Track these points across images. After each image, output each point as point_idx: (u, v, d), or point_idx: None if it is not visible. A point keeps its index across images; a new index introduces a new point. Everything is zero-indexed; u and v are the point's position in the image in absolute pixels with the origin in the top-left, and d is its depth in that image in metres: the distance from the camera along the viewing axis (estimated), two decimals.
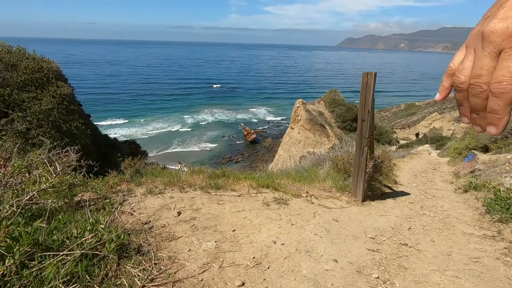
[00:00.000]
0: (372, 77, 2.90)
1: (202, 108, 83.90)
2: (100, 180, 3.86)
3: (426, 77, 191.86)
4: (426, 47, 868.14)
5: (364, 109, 3.08)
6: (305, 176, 4.32)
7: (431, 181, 4.94)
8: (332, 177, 4.32)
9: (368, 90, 2.98)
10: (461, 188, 4.72)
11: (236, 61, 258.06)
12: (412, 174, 5.39)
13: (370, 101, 3.00)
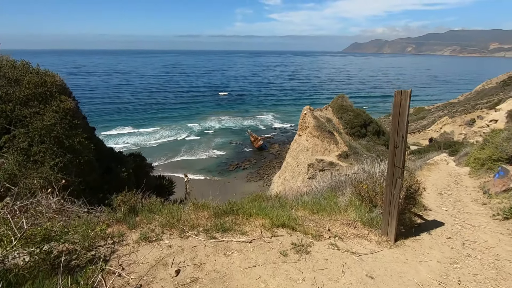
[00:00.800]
0: (406, 96, 2.55)
1: (209, 115, 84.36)
2: (84, 227, 3.05)
3: (435, 81, 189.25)
4: (433, 50, 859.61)
5: (397, 134, 2.66)
6: (324, 205, 3.74)
7: (460, 202, 4.44)
8: (355, 206, 3.77)
9: (402, 111, 2.61)
10: (499, 214, 4.15)
11: (243, 68, 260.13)
12: (437, 191, 4.86)
13: (404, 125, 2.62)
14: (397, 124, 2.71)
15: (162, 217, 3.63)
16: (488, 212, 4.44)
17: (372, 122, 28.00)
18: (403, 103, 2.60)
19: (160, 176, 7.34)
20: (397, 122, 2.70)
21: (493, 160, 5.35)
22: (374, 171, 3.63)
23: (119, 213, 3.60)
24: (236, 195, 33.55)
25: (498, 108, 46.39)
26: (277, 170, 51.10)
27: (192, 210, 3.94)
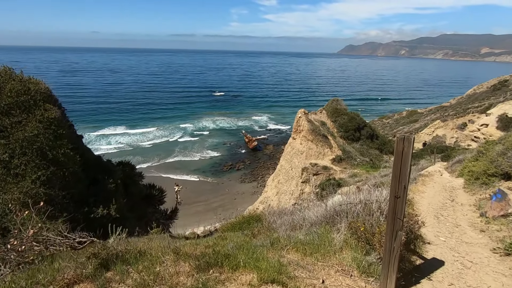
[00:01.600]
0: (409, 143, 2.40)
1: (204, 115, 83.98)
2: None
3: (428, 84, 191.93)
4: (426, 53, 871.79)
5: (398, 183, 2.45)
6: (317, 245, 3.44)
7: (458, 227, 4.25)
8: (351, 247, 3.42)
9: (405, 160, 2.43)
10: (499, 248, 3.88)
11: (238, 68, 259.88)
12: (433, 213, 4.69)
13: (406, 174, 2.44)
14: (398, 173, 2.49)
15: (137, 272, 3.01)
16: (488, 243, 4.23)
17: (366, 125, 28.12)
18: (406, 150, 2.41)
19: (150, 185, 7.12)
20: (399, 170, 2.48)
21: (488, 175, 5.31)
22: (371, 198, 3.46)
23: (88, 267, 2.86)
24: (230, 196, 33.36)
25: (489, 112, 47.13)
26: (271, 171, 51.12)
27: (172, 261, 3.26)
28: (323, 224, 3.42)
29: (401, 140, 2.44)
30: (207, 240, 3.89)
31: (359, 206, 3.21)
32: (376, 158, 22.86)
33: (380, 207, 3.23)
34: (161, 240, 3.73)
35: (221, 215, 38.86)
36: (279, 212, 5.41)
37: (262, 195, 28.39)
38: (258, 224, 4.10)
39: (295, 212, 4.91)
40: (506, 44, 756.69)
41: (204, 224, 37.33)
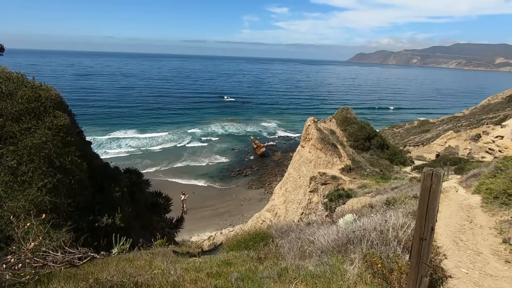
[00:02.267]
0: (438, 180, 2.15)
1: (213, 121, 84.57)
2: None
3: (440, 94, 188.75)
4: (439, 63, 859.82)
5: (425, 223, 2.21)
6: (328, 278, 3.07)
7: (479, 255, 3.84)
8: (365, 282, 3.01)
9: (433, 197, 2.12)
10: None
11: (248, 74, 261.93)
12: (452, 237, 4.35)
13: (434, 213, 2.13)
14: (425, 212, 2.21)
15: None
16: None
17: (376, 135, 27.64)
18: (434, 188, 2.14)
19: (156, 193, 7.05)
20: (425, 209, 2.20)
21: (508, 194, 5.02)
22: (387, 225, 3.16)
23: None
24: (236, 202, 33.12)
25: (504, 124, 45.82)
26: (278, 178, 50.78)
27: None
28: (335, 252, 3.17)
29: (429, 176, 2.17)
30: (211, 265, 3.65)
31: (374, 234, 2.98)
32: (387, 169, 22.35)
33: (398, 236, 2.97)
34: (163, 258, 3.56)
35: (227, 221, 38.80)
36: (287, 228, 5.21)
37: (269, 203, 28.10)
38: (265, 247, 3.88)
39: (304, 230, 4.70)
40: None
41: (210, 229, 37.31)
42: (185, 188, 44.43)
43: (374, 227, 2.95)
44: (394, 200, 5.48)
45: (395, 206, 4.91)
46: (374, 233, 2.87)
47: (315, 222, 6.32)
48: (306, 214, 19.68)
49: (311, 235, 3.74)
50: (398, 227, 2.98)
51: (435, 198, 2.11)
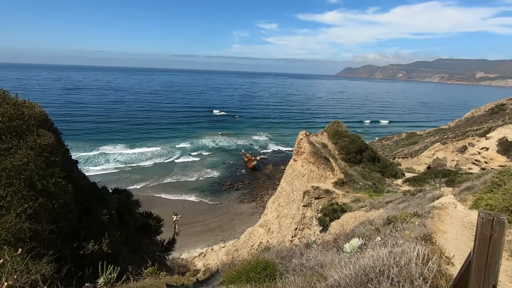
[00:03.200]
0: (501, 228, 1.63)
1: (204, 135, 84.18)
2: None
3: (426, 107, 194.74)
4: (423, 77, 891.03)
5: (484, 281, 1.78)
6: None
7: (499, 285, 3.77)
8: None
9: (494, 250, 1.71)
10: None
11: (239, 88, 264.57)
12: None
13: (496, 269, 1.76)
14: (483, 266, 1.77)
15: None
16: None
17: (367, 148, 27.89)
18: (496, 237, 1.70)
19: (147, 214, 6.67)
20: (485, 264, 1.76)
21: (510, 211, 4.96)
22: (407, 258, 2.75)
23: None
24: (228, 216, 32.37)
25: (488, 136, 47.18)
26: (270, 191, 50.38)
27: None
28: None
29: (488, 222, 1.72)
30: None
31: (395, 269, 2.70)
32: (379, 182, 22.40)
33: (423, 273, 2.64)
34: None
35: (218, 236, 37.91)
36: (287, 253, 4.92)
37: (262, 218, 27.61)
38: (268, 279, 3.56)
39: (307, 254, 4.42)
40: (500, 69, 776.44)
41: (201, 245, 36.29)
42: (175, 203, 43.46)
43: (394, 260, 2.68)
44: (395, 219, 5.32)
45: (397, 226, 4.73)
46: (395, 268, 2.60)
47: (314, 243, 6.06)
48: (300, 229, 19.34)
49: (318, 265, 3.48)
50: (420, 260, 2.72)
51: (497, 250, 1.73)
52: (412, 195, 11.46)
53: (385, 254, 2.78)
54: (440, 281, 2.51)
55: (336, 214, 15.35)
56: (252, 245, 24.70)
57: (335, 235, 5.97)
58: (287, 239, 19.98)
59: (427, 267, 2.53)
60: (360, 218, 11.69)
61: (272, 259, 4.22)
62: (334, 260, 3.47)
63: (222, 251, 30.25)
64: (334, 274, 2.75)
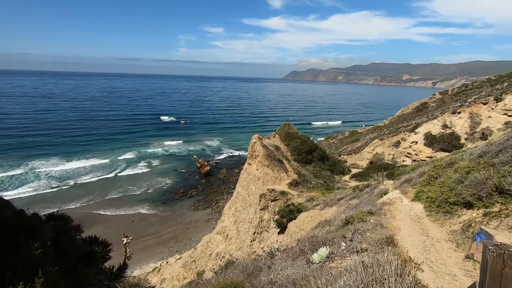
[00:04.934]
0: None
1: (152, 142, 79.76)
2: None
3: (365, 107, 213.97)
4: (360, 79, 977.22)
5: None
6: None
7: (456, 279, 3.78)
8: None
9: (506, 286, 1.52)
10: None
11: (188, 93, 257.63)
12: (425, 262, 4.22)
13: None
14: None
15: None
16: None
17: (317, 148, 29.29)
18: (507, 272, 1.50)
19: (91, 239, 5.73)
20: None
21: (450, 203, 5.50)
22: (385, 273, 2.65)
23: None
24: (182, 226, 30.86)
25: (416, 131, 53.47)
26: (225, 196, 49.80)
27: None
28: None
29: (499, 257, 1.54)
30: None
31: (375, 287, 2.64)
32: (329, 179, 23.64)
33: None
34: None
35: (173, 247, 36.09)
36: (254, 268, 4.67)
37: (219, 225, 26.97)
38: None
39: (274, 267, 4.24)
40: (422, 72, 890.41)
41: (154, 259, 34.08)
42: (124, 218, 40.25)
43: (373, 276, 2.63)
44: (353, 219, 5.53)
45: (356, 227, 4.89)
46: (377, 286, 2.53)
47: (278, 251, 5.95)
48: (258, 233, 19.30)
49: (290, 283, 3.29)
50: (395, 272, 2.70)
51: (509, 286, 1.53)
52: (361, 190, 12.24)
53: (360, 268, 2.72)
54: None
55: (293, 215, 15.66)
56: (210, 254, 23.93)
57: (298, 241, 5.95)
58: (246, 244, 19.78)
59: (405, 282, 2.53)
60: (315, 217, 12.09)
61: (239, 279, 3.94)
62: (307, 275, 3.35)
63: (178, 263, 28.75)
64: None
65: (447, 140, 44.32)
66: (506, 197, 4.99)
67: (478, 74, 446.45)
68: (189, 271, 23.75)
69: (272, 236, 17.21)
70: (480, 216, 4.77)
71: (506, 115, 46.86)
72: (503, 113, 47.96)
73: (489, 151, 6.50)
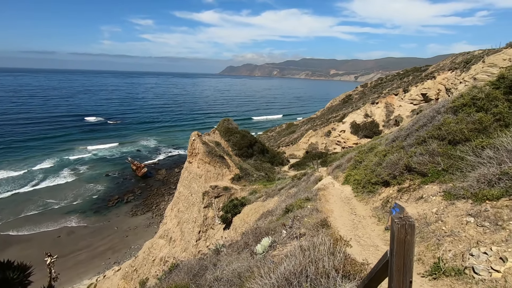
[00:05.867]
0: (412, 230, 1.95)
1: (77, 147, 70.97)
2: None
3: (299, 99, 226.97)
4: (293, 74, 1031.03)
5: (403, 278, 2.06)
6: None
7: (378, 249, 4.31)
8: None
9: (408, 250, 2.00)
10: (426, 271, 3.89)
11: (117, 90, 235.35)
12: (354, 238, 4.71)
13: (411, 267, 2.03)
14: (402, 266, 2.06)
15: None
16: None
17: (256, 141, 30.00)
18: (409, 239, 2.00)
19: (5, 265, 4.75)
20: (402, 263, 2.05)
21: (372, 183, 6.25)
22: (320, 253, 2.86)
23: None
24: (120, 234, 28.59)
25: (344, 121, 59.13)
26: (166, 197, 47.54)
27: None
28: None
29: (403, 227, 2.01)
30: None
31: (312, 268, 2.77)
32: (270, 171, 24.50)
33: (335, 265, 2.84)
34: None
35: (110, 259, 33.08)
36: (199, 268, 4.49)
37: (161, 228, 25.65)
38: None
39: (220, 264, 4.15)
40: (346, 67, 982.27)
41: (89, 275, 30.69)
42: (47, 235, 35.23)
43: (310, 258, 2.77)
44: (292, 207, 5.83)
45: (295, 214, 5.18)
46: (312, 266, 2.68)
47: (223, 247, 5.89)
48: (203, 231, 18.96)
49: (236, 277, 3.26)
50: (329, 252, 2.92)
51: (410, 250, 2.00)
52: (299, 179, 13.00)
53: (299, 252, 2.87)
54: (348, 267, 2.82)
55: (237, 209, 15.80)
56: (154, 259, 22.64)
57: (243, 234, 6.00)
58: (192, 244, 19.27)
59: (336, 259, 2.76)
60: (259, 208, 12.43)
61: (184, 281, 3.77)
62: (251, 267, 3.38)
63: (117, 275, 26.51)
64: (256, 287, 2.66)
65: (369, 128, 50.03)
66: (414, 174, 5.89)
67: (391, 69, 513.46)
68: (131, 282, 22.12)
69: (218, 233, 17.11)
70: (395, 192, 5.55)
71: (412, 104, 54.99)
72: (410, 102, 56.13)
73: (400, 136, 7.59)
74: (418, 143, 6.64)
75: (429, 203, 5.07)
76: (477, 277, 3.20)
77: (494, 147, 5.19)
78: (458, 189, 4.87)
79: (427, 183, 5.65)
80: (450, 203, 4.72)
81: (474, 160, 5.29)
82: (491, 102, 6.41)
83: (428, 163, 5.94)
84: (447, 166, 5.69)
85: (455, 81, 49.56)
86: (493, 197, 4.21)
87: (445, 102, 7.83)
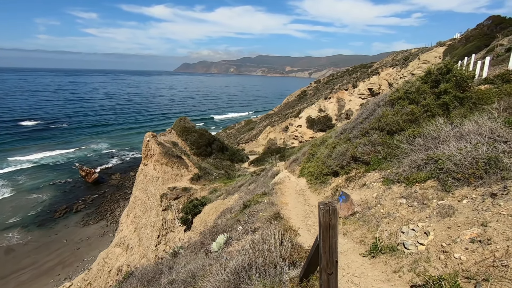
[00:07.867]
0: (335, 214, 2.18)
1: (12, 154, 63.21)
2: None
3: (258, 96, 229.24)
4: (250, 71, 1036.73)
5: (329, 258, 2.30)
6: None
7: None
8: None
9: (333, 232, 2.24)
10: (366, 251, 4.27)
11: (59, 90, 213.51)
12: (305, 227, 5.00)
13: (336, 248, 2.27)
14: (328, 247, 2.30)
15: None
16: (354, 247, 4.60)
17: (215, 139, 29.72)
18: (333, 223, 2.22)
19: None
20: (328, 245, 2.30)
21: (323, 174, 6.66)
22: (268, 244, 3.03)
23: None
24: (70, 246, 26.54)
25: (300, 116, 61.38)
26: (122, 203, 44.84)
27: None
28: None
29: (327, 212, 2.21)
30: None
31: (261, 260, 2.88)
32: (230, 169, 24.50)
33: (282, 255, 2.98)
34: None
35: (60, 275, 30.29)
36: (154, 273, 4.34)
37: (117, 236, 24.17)
38: None
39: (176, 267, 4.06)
40: (300, 64, 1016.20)
41: None
42: None
43: (258, 251, 2.88)
44: (250, 202, 5.97)
45: (252, 209, 5.32)
46: (260, 259, 2.80)
47: (181, 249, 5.78)
48: (163, 235, 18.32)
49: (190, 277, 3.25)
50: (277, 242, 3.07)
51: (335, 232, 2.23)
52: (258, 175, 13.25)
53: (249, 246, 2.99)
54: (294, 255, 3.02)
55: (197, 209, 15.55)
56: (110, 270, 21.28)
57: (200, 234, 5.97)
58: (151, 250, 18.51)
59: (283, 248, 2.93)
60: (219, 207, 12.40)
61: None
62: (205, 266, 3.41)
63: None
64: (207, 284, 2.71)
65: (323, 122, 52.62)
66: (359, 164, 6.43)
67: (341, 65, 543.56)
68: None
69: (178, 235, 16.68)
70: (344, 181, 6.01)
71: (360, 98, 59.04)
72: (358, 96, 60.18)
73: (347, 128, 8.21)
74: (362, 134, 7.24)
75: (371, 189, 5.62)
76: (406, 251, 3.68)
77: (423, 135, 5.89)
78: (394, 175, 5.46)
79: (370, 171, 6.23)
80: (387, 187, 5.28)
81: (407, 147, 5.95)
82: (421, 95, 7.24)
83: (370, 153, 6.53)
84: (386, 154, 6.31)
85: (396, 77, 54.38)
86: (421, 179, 4.80)
87: (384, 96, 8.60)
